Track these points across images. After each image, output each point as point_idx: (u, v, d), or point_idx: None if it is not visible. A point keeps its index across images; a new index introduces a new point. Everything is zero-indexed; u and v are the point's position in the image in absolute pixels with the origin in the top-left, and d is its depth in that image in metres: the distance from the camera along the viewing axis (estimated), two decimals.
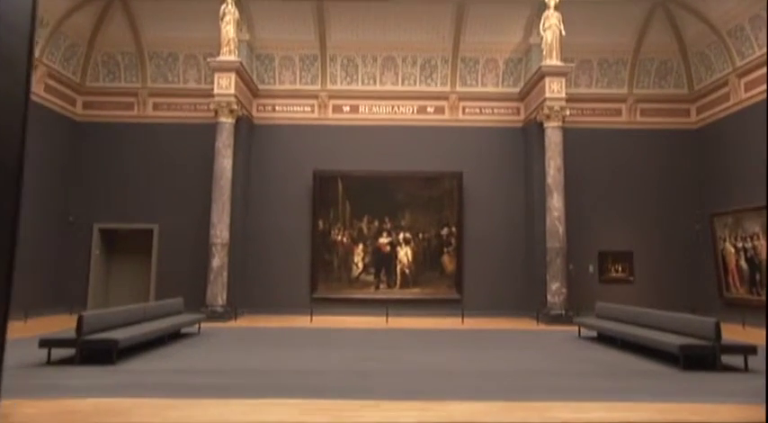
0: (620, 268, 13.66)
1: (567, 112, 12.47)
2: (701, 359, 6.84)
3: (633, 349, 8.15)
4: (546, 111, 12.35)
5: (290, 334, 9.94)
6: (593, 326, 9.39)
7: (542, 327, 11.45)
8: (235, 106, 12.35)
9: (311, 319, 12.01)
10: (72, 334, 6.67)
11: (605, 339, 9.16)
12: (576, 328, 10.23)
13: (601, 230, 13.68)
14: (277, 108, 14.23)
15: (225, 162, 12.20)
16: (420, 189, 13.78)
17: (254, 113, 14.11)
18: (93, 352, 6.72)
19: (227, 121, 12.32)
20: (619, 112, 14.16)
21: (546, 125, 12.49)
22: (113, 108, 13.90)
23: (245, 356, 7.63)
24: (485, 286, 13.55)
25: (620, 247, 13.64)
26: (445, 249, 13.63)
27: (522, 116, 14.18)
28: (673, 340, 6.98)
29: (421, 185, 13.78)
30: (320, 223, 13.62)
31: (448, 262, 13.60)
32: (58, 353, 6.84)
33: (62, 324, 9.50)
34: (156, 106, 13.97)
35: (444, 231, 13.68)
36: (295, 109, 14.24)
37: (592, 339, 9.55)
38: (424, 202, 13.74)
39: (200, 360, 7.28)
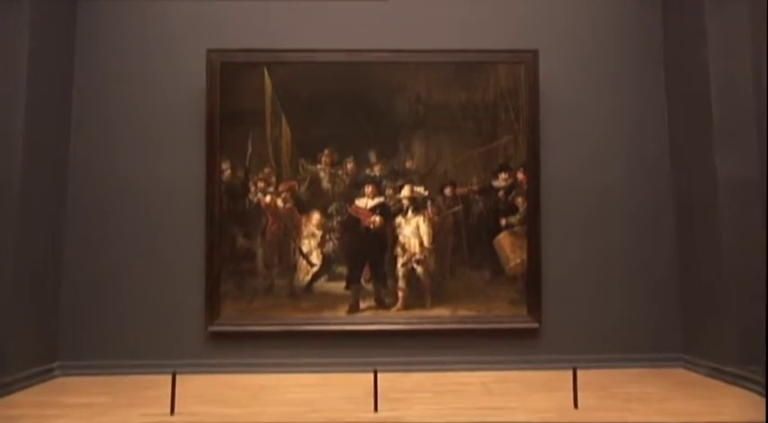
0: None
1: None
2: None
3: None
4: None
5: None
6: None
7: None
8: None
9: (173, 409, 4.57)
10: None
11: None
12: None
13: None
14: None
15: None
16: (445, 90, 6.27)
17: None
18: None
19: None
20: None
21: None
22: None
23: None
24: (591, 301, 6.19)
25: None
26: (503, 221, 6.21)
27: None
28: None
29: (447, 82, 6.27)
30: (225, 167, 6.16)
31: (509, 248, 6.18)
32: None
33: None
34: None
35: (500, 181, 6.23)
36: None
37: None
38: (455, 120, 6.26)
39: None
